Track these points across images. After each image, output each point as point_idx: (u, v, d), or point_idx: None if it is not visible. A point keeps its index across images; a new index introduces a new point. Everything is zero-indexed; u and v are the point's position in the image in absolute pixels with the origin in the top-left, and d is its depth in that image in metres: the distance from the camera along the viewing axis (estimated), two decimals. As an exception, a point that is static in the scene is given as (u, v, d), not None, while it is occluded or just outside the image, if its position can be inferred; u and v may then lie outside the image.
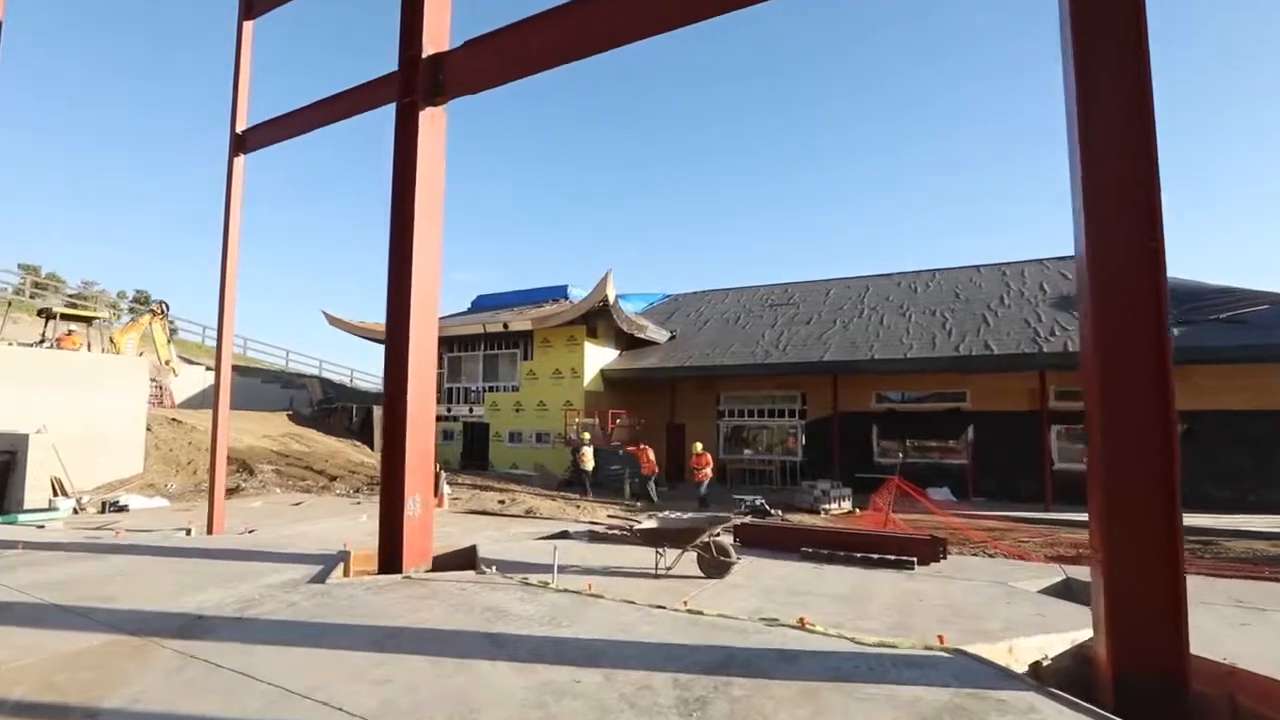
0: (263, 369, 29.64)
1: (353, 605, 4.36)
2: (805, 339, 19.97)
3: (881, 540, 6.34)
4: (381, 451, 5.67)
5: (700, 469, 15.83)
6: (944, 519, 11.95)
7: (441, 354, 23.60)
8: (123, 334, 16.89)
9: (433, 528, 5.82)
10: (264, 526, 8.16)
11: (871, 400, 20.05)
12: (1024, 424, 17.84)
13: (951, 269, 24.27)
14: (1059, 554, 10.69)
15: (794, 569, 5.97)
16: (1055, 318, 17.31)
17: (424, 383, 5.74)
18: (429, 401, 5.83)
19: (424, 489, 5.72)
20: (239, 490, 12.65)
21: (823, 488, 16.22)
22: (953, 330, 18.04)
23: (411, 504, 5.60)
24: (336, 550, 6.26)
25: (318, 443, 18.45)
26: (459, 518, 9.14)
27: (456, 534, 7.81)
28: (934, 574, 5.82)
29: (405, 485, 5.54)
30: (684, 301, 28.15)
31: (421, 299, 5.71)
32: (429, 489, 5.78)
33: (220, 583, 5.01)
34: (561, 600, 4.56)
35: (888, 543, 6.28)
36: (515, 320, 21.28)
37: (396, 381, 5.67)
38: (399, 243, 5.73)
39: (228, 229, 7.66)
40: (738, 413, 22.21)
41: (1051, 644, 3.94)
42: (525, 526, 8.40)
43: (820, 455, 20.19)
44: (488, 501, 11.49)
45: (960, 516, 13.78)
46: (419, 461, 5.67)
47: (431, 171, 5.92)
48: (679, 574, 5.62)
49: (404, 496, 5.54)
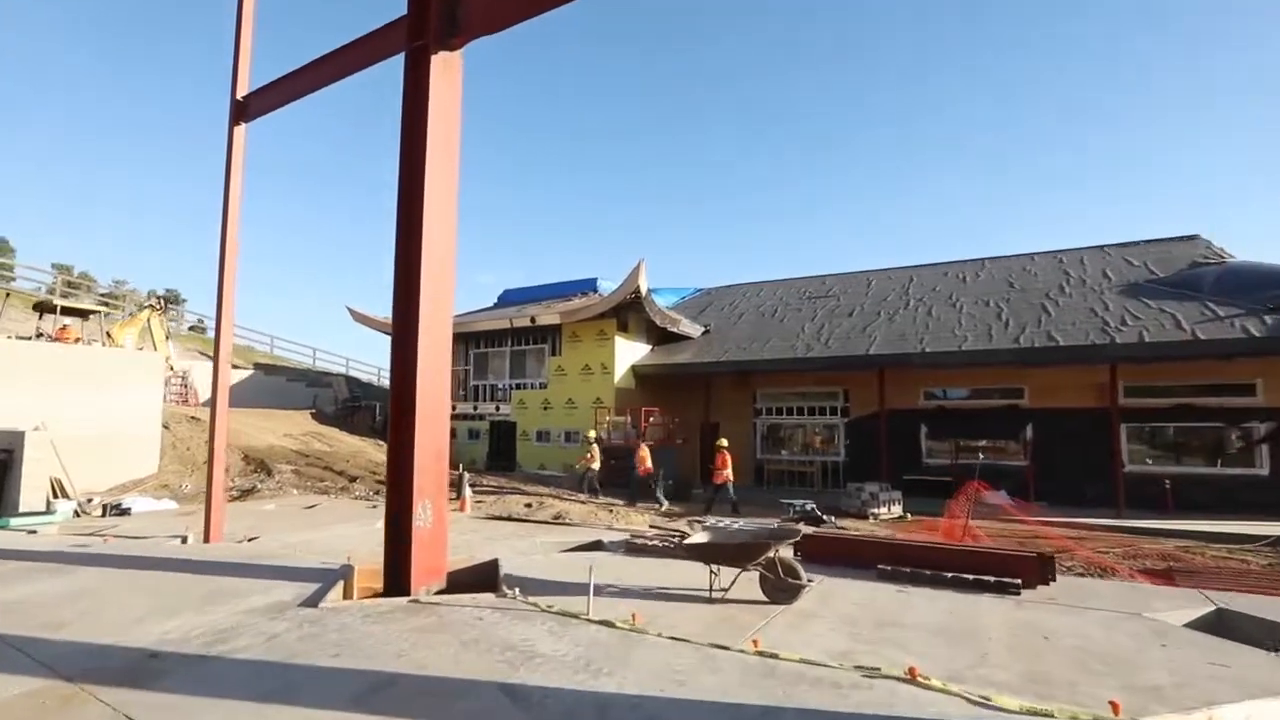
0: (289, 367, 29.46)
1: (343, 640, 3.52)
2: (848, 332, 18.80)
3: (976, 557, 5.32)
4: (388, 451, 4.86)
5: (721, 469, 14.12)
6: (1033, 528, 10.79)
7: (468, 350, 22.98)
8: (121, 329, 16.48)
9: (447, 539, 4.99)
10: (270, 532, 7.47)
11: (919, 397, 18.79)
12: (1090, 422, 16.44)
13: (1002, 258, 22.86)
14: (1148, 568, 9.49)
15: (873, 592, 4.99)
16: (1125, 306, 15.89)
17: (436, 369, 4.91)
18: (442, 391, 4.99)
19: (436, 494, 4.89)
20: (254, 492, 12.09)
21: (870, 491, 15.08)
22: (1010, 321, 16.72)
23: (421, 512, 4.78)
24: (341, 563, 5.48)
25: (340, 442, 17.93)
26: (481, 524, 8.36)
27: (477, 543, 7.01)
28: (1047, 600, 4.79)
29: (414, 490, 4.72)
30: (717, 295, 27.13)
31: (434, 272, 4.88)
32: (442, 494, 4.95)
33: (196, 605, 4.23)
34: (600, 635, 3.67)
35: (985, 560, 5.25)
36: (543, 314, 20.51)
37: (404, 368, 4.85)
38: (407, 207, 4.91)
39: (227, 204, 6.97)
40: (775, 410, 21.12)
41: (1263, 714, 2.91)
42: (554, 535, 7.57)
43: (864, 456, 19.01)
44: (513, 505, 10.69)
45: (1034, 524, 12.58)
46: (431, 462, 4.85)
47: (445, 127, 5.09)
48: (737, 597, 4.69)
49: (413, 504, 4.72)
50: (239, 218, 6.98)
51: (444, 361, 4.97)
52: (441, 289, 4.91)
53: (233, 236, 6.94)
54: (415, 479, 4.70)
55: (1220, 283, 15.75)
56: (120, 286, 32.98)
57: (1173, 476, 15.42)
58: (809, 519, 9.56)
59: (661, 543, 6.45)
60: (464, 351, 23.06)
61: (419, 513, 4.74)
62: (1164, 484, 15.35)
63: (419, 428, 4.72)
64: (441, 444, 4.95)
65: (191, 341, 28.88)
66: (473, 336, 22.80)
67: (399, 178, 4.97)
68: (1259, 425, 15.13)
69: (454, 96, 5.15)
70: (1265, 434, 15.08)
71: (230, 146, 6.99)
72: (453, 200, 5.08)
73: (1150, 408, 15.96)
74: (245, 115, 7.08)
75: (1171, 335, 13.92)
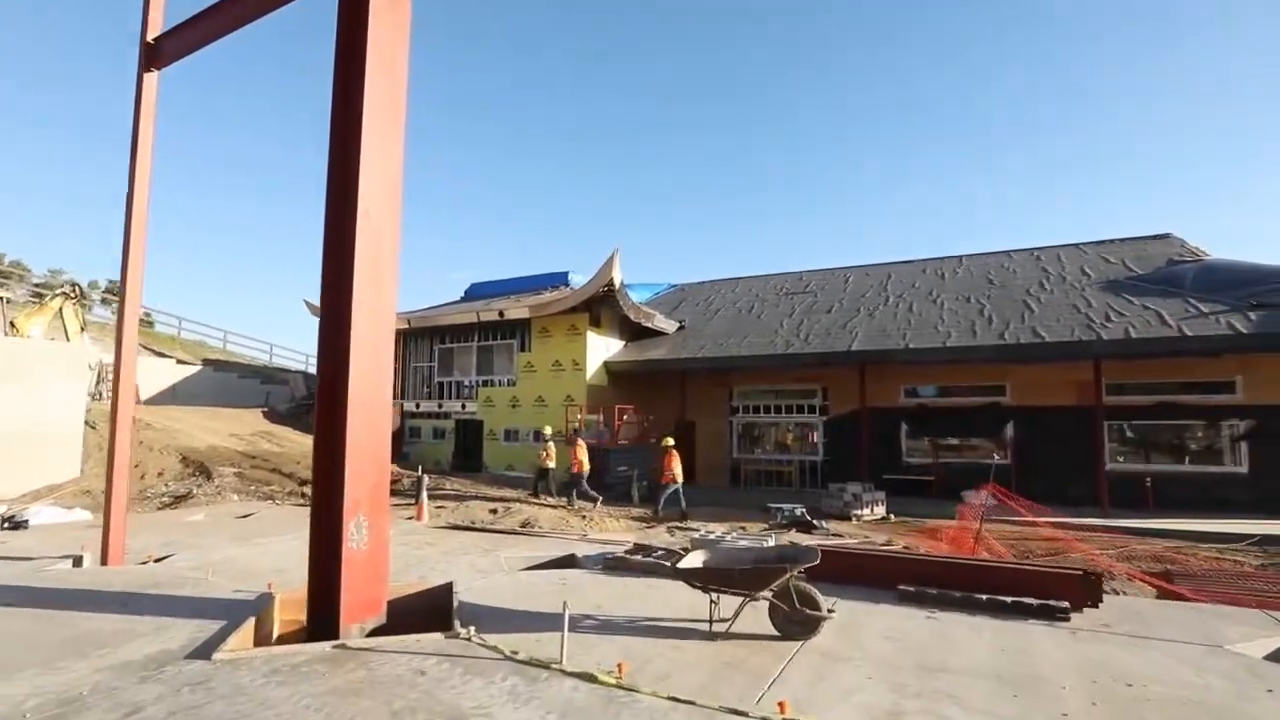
0: (242, 363, 27.81)
1: (231, 714, 2.59)
2: (828, 328, 18.23)
3: (1010, 575, 4.60)
4: (313, 456, 3.93)
5: (667, 469, 12.51)
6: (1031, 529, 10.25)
7: (433, 346, 21.81)
8: (27, 318, 14.69)
9: (387, 563, 4.07)
10: (191, 548, 6.40)
11: (900, 395, 18.32)
12: (1071, 420, 16.15)
13: (980, 255, 22.63)
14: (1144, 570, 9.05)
15: (901, 620, 4.22)
16: (1107, 303, 15.61)
17: (375, 353, 3.99)
18: (381, 380, 4.07)
19: (375, 508, 3.97)
20: (188, 498, 10.87)
21: (853, 491, 14.50)
22: (993, 317, 16.32)
23: (355, 531, 3.85)
24: (261, 591, 4.51)
25: (292, 442, 16.66)
26: (439, 535, 7.40)
27: (432, 559, 6.08)
28: (1102, 628, 4.09)
29: (345, 504, 3.79)
30: (691, 291, 26.42)
31: (371, 239, 3.97)
32: (382, 507, 4.02)
33: (48, 659, 3.24)
34: (577, 697, 2.81)
35: (1021, 579, 4.54)
36: (512, 308, 19.48)
37: (334, 354, 3.92)
38: (341, 163, 3.98)
39: (135, 164, 5.88)
40: (753, 409, 20.47)
41: None
42: (521, 548, 6.65)
43: (843, 455, 18.47)
44: (477, 512, 9.71)
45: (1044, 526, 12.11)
46: (367, 468, 3.92)
47: (387, 77, 4.17)
48: (743, 630, 3.88)
49: (343, 520, 3.79)
50: (149, 179, 5.91)
51: (384, 344, 4.05)
52: (382, 254, 3.99)
53: (141, 201, 5.85)
54: (347, 490, 3.78)
55: (1200, 280, 15.58)
56: (56, 276, 30.77)
57: (1153, 475, 15.21)
58: (799, 525, 8.84)
59: (644, 558, 5.60)
60: (429, 347, 21.90)
61: (351, 532, 3.82)
62: (1145, 482, 15.12)
63: (352, 425, 3.80)
64: (381, 446, 4.03)
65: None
66: (438, 331, 21.65)
67: (330, 129, 4.04)
68: (1238, 423, 15.01)
69: (398, 41, 4.23)
70: (1244, 431, 14.96)
71: (139, 95, 5.91)
72: (395, 157, 4.15)
73: (1130, 405, 15.72)
74: (158, 60, 6.01)
75: (1158, 331, 13.62)
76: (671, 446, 13.17)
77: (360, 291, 3.88)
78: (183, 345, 27.66)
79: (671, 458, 12.69)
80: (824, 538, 7.98)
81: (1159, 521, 12.75)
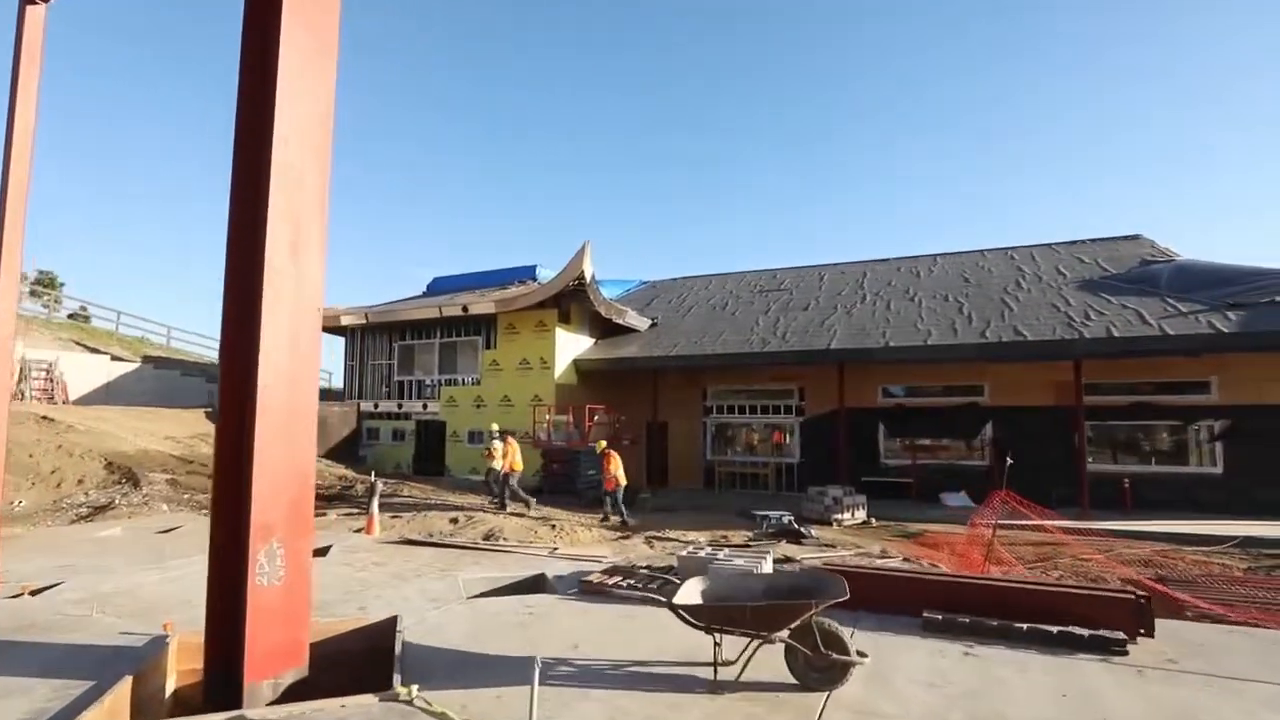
0: (186, 361, 26.10)
1: None
2: (805, 326, 17.74)
3: (1049, 598, 3.99)
4: (214, 468, 3.09)
5: (608, 473, 11.53)
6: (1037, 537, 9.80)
7: (392, 343, 20.68)
8: None
9: (309, 600, 3.24)
10: (90, 573, 5.37)
11: (877, 395, 17.93)
12: (1050, 420, 15.97)
13: (954, 254, 22.51)
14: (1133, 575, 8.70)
15: (935, 658, 3.56)
16: (1086, 302, 15.44)
17: (296, 345, 3.16)
18: (304, 378, 3.23)
19: (294, 532, 3.13)
20: (108, 509, 9.70)
21: (834, 495, 14.00)
22: (973, 316, 16.03)
23: (265, 563, 3.01)
24: (154, 634, 3.63)
25: (235, 445, 15.42)
26: (390, 552, 6.49)
27: (378, 582, 5.21)
28: (1167, 664, 3.50)
29: (253, 529, 2.95)
30: (662, 288, 25.75)
31: (291, 183, 3.13)
32: (302, 531, 3.18)
33: None
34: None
35: (1061, 603, 3.93)
36: (476, 303, 18.50)
37: (240, 342, 3.09)
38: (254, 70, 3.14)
39: (14, 111, 4.87)
40: (727, 409, 19.88)
41: None
42: (483, 566, 5.80)
43: (819, 457, 18.01)
44: (436, 522, 8.79)
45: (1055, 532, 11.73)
46: (285, 484, 3.08)
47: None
48: (754, 678, 3.16)
49: (249, 550, 2.96)
50: (32, 130, 4.91)
51: (307, 330, 3.21)
52: (305, 208, 3.16)
53: (22, 156, 4.84)
54: (255, 511, 2.94)
55: (1175, 280, 15.53)
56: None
57: (1130, 476, 15.09)
58: (787, 534, 8.20)
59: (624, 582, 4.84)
60: (388, 344, 20.76)
61: (261, 563, 2.98)
62: (1124, 483, 14.98)
63: (263, 432, 2.96)
64: (303, 457, 3.19)
65: (69, 330, 25.09)
66: (398, 327, 20.53)
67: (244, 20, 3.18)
68: (1214, 423, 14.98)
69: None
70: (1220, 432, 14.94)
71: (21, 31, 4.91)
72: (328, 78, 3.32)
73: (1107, 405, 15.57)
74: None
75: (1139, 330, 13.45)
76: (607, 449, 12.39)
77: (275, 256, 3.04)
78: (121, 341, 25.82)
79: (610, 460, 11.84)
80: (816, 548, 7.34)
81: (1143, 523, 12.56)
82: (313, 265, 3.27)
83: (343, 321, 20.59)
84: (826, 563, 5.17)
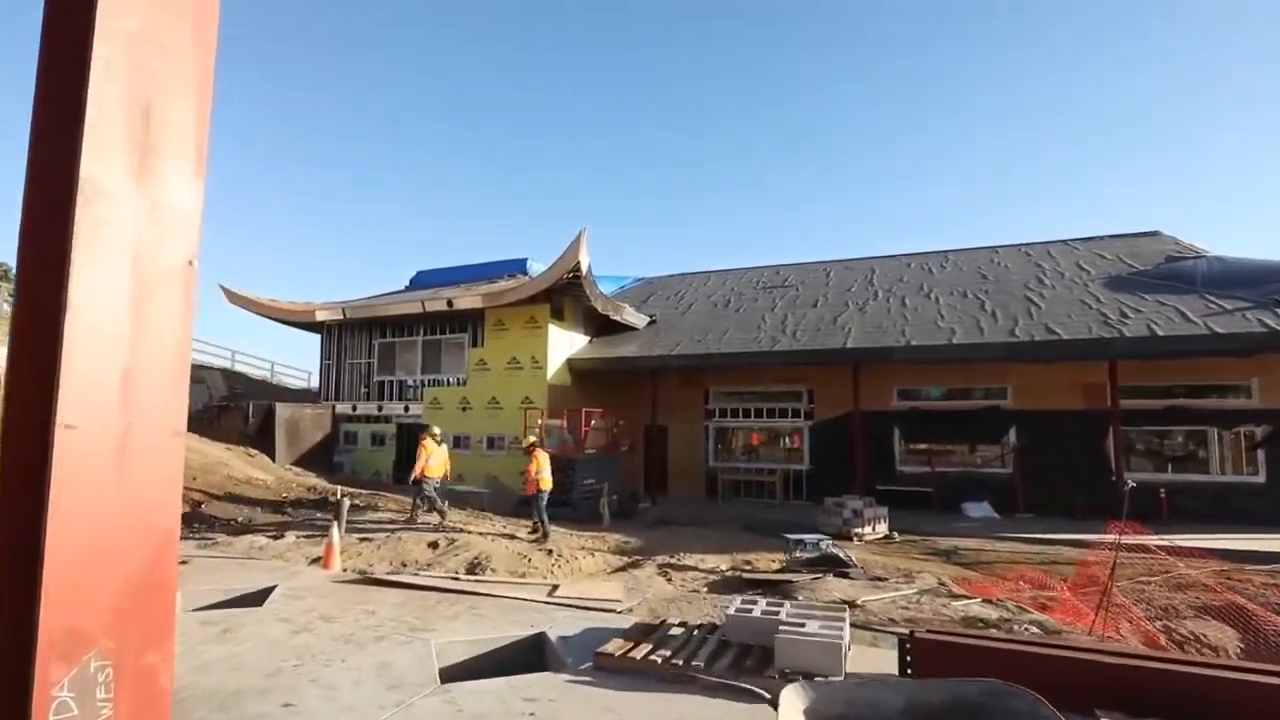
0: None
1: None
2: (816, 324, 16.59)
3: (1271, 692, 2.80)
4: None
5: (532, 475, 10.04)
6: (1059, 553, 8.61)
7: (372, 340, 19.27)
8: None
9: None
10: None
11: (893, 397, 16.83)
12: (1078, 425, 14.96)
13: (966, 250, 21.53)
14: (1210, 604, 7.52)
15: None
16: (1118, 300, 14.42)
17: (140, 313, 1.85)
18: (168, 365, 1.92)
19: (131, 636, 1.82)
20: None
21: (853, 507, 12.86)
22: (997, 314, 14.95)
23: (73, 701, 1.70)
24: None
25: (194, 451, 13.95)
26: (350, 596, 5.13)
27: (320, 654, 3.82)
28: None
29: (42, 639, 1.64)
30: (660, 285, 24.54)
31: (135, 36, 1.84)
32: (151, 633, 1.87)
33: None
34: None
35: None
36: (462, 297, 17.16)
37: (34, 310, 1.77)
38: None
39: None
40: (731, 412, 18.69)
41: None
42: (463, 619, 4.43)
43: (830, 464, 16.89)
44: (412, 547, 7.43)
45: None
46: (113, 551, 1.78)
47: None
48: None
49: (36, 677, 1.64)
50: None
51: (170, 293, 1.91)
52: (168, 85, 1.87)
53: None
54: (50, 607, 1.64)
55: (1212, 276, 14.54)
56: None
57: (1166, 484, 14.07)
58: (827, 562, 6.99)
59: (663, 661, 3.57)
60: (366, 341, 19.36)
61: (64, 702, 1.67)
62: (1159, 493, 13.93)
63: (67, 460, 1.67)
64: (158, 499, 1.88)
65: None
66: (377, 323, 19.14)
67: None
68: (1255, 429, 14.01)
69: None
70: (1262, 438, 13.96)
71: None
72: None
73: (1140, 409, 14.54)
74: None
75: (1182, 329, 12.42)
76: (535, 445, 10.66)
77: (102, 169, 1.75)
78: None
79: (535, 460, 10.14)
80: (871, 586, 6.12)
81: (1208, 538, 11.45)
82: (180, 190, 1.97)
83: (318, 317, 19.16)
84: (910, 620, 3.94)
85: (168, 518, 1.98)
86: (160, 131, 1.99)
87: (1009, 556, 11.10)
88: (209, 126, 2.13)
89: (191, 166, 2.07)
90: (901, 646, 3.33)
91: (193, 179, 2.08)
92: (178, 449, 1.98)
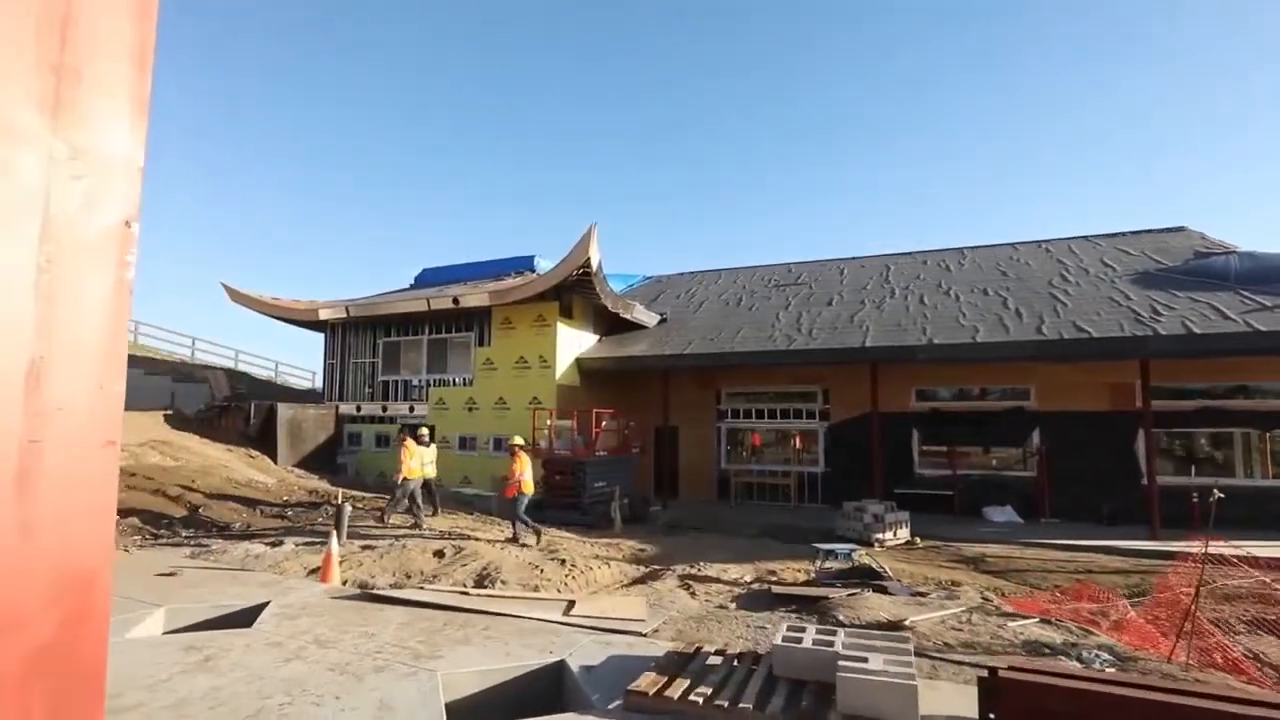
0: (153, 359, 24.16)
1: None
2: (833, 322, 16.10)
3: None
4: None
5: (514, 477, 9.58)
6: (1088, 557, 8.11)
7: (376, 339, 18.88)
8: None
9: None
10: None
11: (911, 398, 16.33)
12: (1104, 426, 14.45)
13: (984, 246, 20.98)
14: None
15: None
16: (1149, 296, 13.88)
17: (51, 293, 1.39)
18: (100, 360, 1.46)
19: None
20: None
21: (874, 511, 12.39)
22: (1021, 311, 14.42)
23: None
24: None
25: (193, 453, 13.58)
26: (349, 615, 4.68)
27: (313, 681, 3.38)
28: None
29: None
30: (670, 283, 24.08)
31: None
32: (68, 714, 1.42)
33: None
34: None
35: None
36: (469, 295, 16.74)
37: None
38: None
39: None
40: (744, 413, 18.23)
41: None
42: (473, 645, 4.00)
43: (847, 466, 16.40)
44: (416, 556, 6.97)
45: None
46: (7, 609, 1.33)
47: None
48: None
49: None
50: None
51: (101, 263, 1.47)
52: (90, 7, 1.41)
53: None
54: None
55: (1247, 271, 13.97)
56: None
57: (1199, 489, 13.49)
58: (864, 575, 6.50)
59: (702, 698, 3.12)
60: (371, 340, 18.97)
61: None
62: (1191, 497, 13.36)
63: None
64: (87, 534, 1.43)
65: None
66: (382, 322, 18.74)
67: None
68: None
69: None
70: (1299, 442, 13.41)
71: None
72: None
73: (1171, 410, 14.00)
74: None
75: (1219, 326, 11.87)
76: (520, 446, 10.10)
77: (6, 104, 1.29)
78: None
79: (518, 461, 9.64)
80: (914, 602, 5.64)
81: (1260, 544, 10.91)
82: (112, 131, 1.50)
83: (322, 316, 18.78)
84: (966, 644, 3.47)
85: (94, 562, 1.48)
86: (85, 49, 1.50)
87: (1040, 564, 10.61)
88: (154, 45, 1.64)
89: (129, 99, 1.58)
90: (982, 685, 2.86)
91: (131, 116, 1.58)
92: (108, 464, 1.49)
